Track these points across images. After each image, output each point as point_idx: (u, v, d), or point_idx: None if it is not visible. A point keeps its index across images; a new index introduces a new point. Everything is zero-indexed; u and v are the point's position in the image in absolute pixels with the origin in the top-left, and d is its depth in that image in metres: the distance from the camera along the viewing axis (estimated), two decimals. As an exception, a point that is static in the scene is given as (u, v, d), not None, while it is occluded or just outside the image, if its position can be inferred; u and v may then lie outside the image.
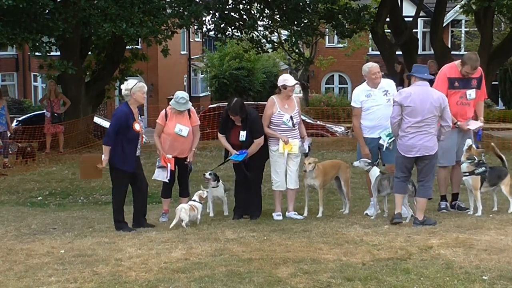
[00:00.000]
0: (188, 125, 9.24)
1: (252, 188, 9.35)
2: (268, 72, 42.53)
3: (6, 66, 37.57)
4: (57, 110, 18.32)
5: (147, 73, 31.91)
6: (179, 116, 9.22)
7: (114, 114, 9.00)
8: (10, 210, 11.56)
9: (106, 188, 13.85)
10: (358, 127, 9.09)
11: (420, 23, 35.96)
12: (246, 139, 9.13)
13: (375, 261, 6.43)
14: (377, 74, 8.96)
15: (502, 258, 6.33)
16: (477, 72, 8.94)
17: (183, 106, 9.16)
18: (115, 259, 6.84)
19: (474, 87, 8.90)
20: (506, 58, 23.80)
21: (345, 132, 22.05)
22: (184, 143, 9.26)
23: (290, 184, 9.29)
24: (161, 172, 9.24)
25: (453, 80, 8.86)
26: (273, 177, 9.32)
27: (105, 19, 16.64)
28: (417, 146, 8.09)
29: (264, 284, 5.86)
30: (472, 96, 8.90)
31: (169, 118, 9.26)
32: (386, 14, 21.24)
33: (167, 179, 9.25)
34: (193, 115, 9.35)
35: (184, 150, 9.30)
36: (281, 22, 20.59)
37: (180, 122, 9.20)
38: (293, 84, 9.19)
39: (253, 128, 9.16)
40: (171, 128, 9.19)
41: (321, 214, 9.17)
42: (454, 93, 8.83)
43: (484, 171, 8.59)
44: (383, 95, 8.96)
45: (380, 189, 8.85)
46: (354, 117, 9.15)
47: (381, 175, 8.83)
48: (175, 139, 9.22)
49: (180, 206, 8.75)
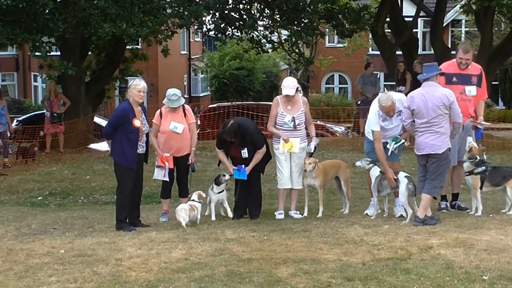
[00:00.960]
0: (183, 123, 9.27)
1: (252, 188, 9.35)
2: (268, 72, 42.50)
3: (6, 66, 37.56)
4: (57, 110, 18.33)
5: (147, 73, 31.88)
6: (174, 114, 9.26)
7: (114, 110, 9.27)
8: (10, 210, 11.56)
9: (106, 188, 13.87)
10: (381, 150, 8.76)
11: (420, 23, 35.93)
12: (248, 155, 9.18)
13: (375, 261, 6.43)
14: (390, 113, 8.73)
15: (502, 258, 6.33)
16: (476, 69, 8.91)
17: (175, 102, 9.18)
18: (115, 259, 6.85)
19: (474, 84, 8.85)
20: (506, 58, 23.77)
21: (345, 132, 22.05)
22: (180, 141, 9.27)
23: (294, 184, 9.31)
24: (160, 171, 9.26)
25: (451, 76, 8.83)
26: (278, 175, 9.38)
27: (105, 19, 16.63)
28: (423, 144, 8.15)
29: (264, 284, 5.86)
30: (472, 93, 8.84)
31: (164, 116, 9.31)
32: (386, 14, 21.23)
33: (166, 178, 9.26)
34: (188, 113, 9.38)
35: (181, 148, 9.31)
36: (281, 22, 20.58)
37: (174, 120, 9.23)
38: (284, 94, 9.11)
39: (254, 142, 9.18)
40: (166, 126, 9.23)
41: (321, 214, 9.18)
42: (453, 88, 8.78)
43: (484, 171, 8.55)
44: (396, 116, 8.82)
45: (380, 189, 8.85)
46: (376, 140, 8.80)
47: (381, 175, 8.82)
48: (170, 137, 9.24)
49: (179, 207, 8.75)
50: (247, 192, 9.34)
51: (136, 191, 9.06)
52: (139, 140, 8.82)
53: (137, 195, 9.10)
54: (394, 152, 8.89)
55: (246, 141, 9.13)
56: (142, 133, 8.86)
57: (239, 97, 36.96)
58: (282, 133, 9.16)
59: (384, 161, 8.76)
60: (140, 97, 8.85)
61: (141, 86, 8.83)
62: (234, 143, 9.17)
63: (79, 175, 15.33)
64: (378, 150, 8.75)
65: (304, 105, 9.33)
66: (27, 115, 25.14)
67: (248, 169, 9.12)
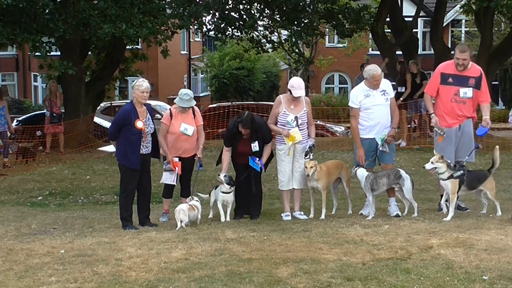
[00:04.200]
0: (193, 124, 9.30)
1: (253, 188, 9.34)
2: (268, 72, 42.49)
3: (6, 66, 37.57)
4: (57, 110, 18.34)
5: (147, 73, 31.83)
6: (184, 115, 9.27)
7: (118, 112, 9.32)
8: (10, 210, 11.57)
9: (106, 188, 13.88)
10: (355, 127, 9.10)
11: (420, 23, 35.92)
12: (259, 149, 9.21)
13: (375, 261, 6.43)
14: (379, 81, 8.98)
15: (502, 258, 6.32)
16: (475, 71, 8.86)
17: (186, 102, 9.19)
18: (115, 259, 6.85)
19: (471, 86, 8.78)
20: (506, 58, 23.77)
21: (345, 132, 22.05)
22: (189, 143, 9.31)
23: (295, 184, 9.31)
24: (169, 175, 9.31)
25: (447, 76, 8.83)
26: (279, 176, 9.38)
27: (104, 20, 16.63)
28: None
29: (264, 284, 5.86)
30: (468, 95, 8.77)
31: (174, 117, 9.30)
32: (386, 14, 21.23)
33: (175, 183, 9.30)
34: (197, 115, 9.42)
35: (188, 149, 9.34)
36: (281, 22, 20.57)
37: (185, 121, 9.25)
38: (296, 96, 9.13)
39: (264, 135, 9.25)
40: (177, 128, 9.23)
41: (323, 216, 9.13)
42: (447, 89, 8.80)
43: (463, 174, 8.53)
44: (381, 95, 8.99)
45: (374, 188, 8.88)
46: (352, 117, 9.16)
47: (374, 174, 8.87)
48: (180, 139, 9.26)
49: (178, 207, 8.74)
50: (248, 192, 9.33)
51: (145, 190, 9.10)
52: (142, 141, 8.82)
53: (146, 194, 9.13)
54: (385, 151, 8.94)
55: (257, 134, 9.17)
56: (145, 134, 8.86)
57: (239, 97, 36.96)
58: (281, 129, 9.16)
59: (357, 139, 9.07)
60: (143, 98, 8.85)
61: (144, 87, 8.82)
62: (242, 139, 9.17)
63: (79, 175, 15.33)
64: (353, 127, 9.17)
65: (307, 105, 9.32)
66: (27, 115, 25.15)
67: (263, 161, 9.21)
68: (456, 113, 8.81)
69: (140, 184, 8.97)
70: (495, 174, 13.58)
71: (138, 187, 8.99)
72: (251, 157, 9.19)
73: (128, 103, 9.08)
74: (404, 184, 8.80)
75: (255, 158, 9.20)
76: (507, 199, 10.35)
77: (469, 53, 8.80)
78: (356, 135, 9.12)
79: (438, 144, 8.96)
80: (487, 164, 13.67)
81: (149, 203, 9.25)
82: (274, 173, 13.28)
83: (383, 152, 9.02)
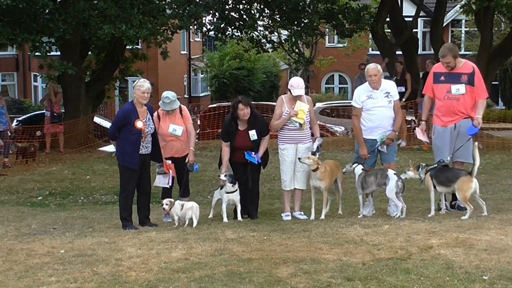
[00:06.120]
0: (182, 124, 9.29)
1: (252, 188, 9.33)
2: (268, 72, 42.53)
3: (6, 66, 37.55)
4: (57, 110, 18.35)
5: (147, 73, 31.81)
6: (171, 116, 9.27)
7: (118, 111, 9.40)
8: (10, 210, 11.57)
9: (106, 188, 13.88)
10: (358, 127, 9.12)
11: (420, 23, 35.94)
12: (257, 137, 9.20)
13: (375, 261, 6.43)
14: (372, 77, 8.94)
15: (502, 258, 6.32)
16: (468, 67, 8.82)
17: (168, 105, 9.19)
18: (115, 259, 6.84)
19: (463, 82, 8.72)
20: (506, 58, 23.78)
21: (345, 132, 22.06)
22: (179, 142, 9.30)
23: (297, 184, 9.31)
24: (162, 178, 9.28)
25: (439, 75, 8.86)
26: (282, 177, 9.39)
27: (104, 20, 16.63)
28: None
29: (264, 284, 5.86)
30: (460, 91, 8.72)
31: (162, 119, 9.30)
32: (386, 14, 21.24)
33: (168, 185, 9.29)
34: (185, 114, 9.40)
35: (180, 149, 9.33)
36: (281, 22, 20.59)
37: (173, 122, 9.25)
38: (296, 95, 9.13)
39: (261, 126, 9.28)
40: (165, 129, 9.23)
41: (323, 217, 9.13)
42: (440, 87, 8.81)
43: (433, 169, 8.68)
44: (384, 97, 8.97)
45: (364, 186, 8.91)
46: (354, 117, 9.18)
47: (364, 172, 8.89)
48: (170, 140, 9.26)
49: (189, 204, 8.80)
50: (246, 192, 9.32)
51: (145, 190, 9.10)
52: (142, 141, 8.82)
53: (146, 194, 9.13)
54: (383, 152, 8.95)
55: (254, 122, 9.19)
56: (144, 134, 8.86)
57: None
58: (286, 115, 9.11)
59: (360, 138, 9.09)
60: (144, 98, 8.83)
61: (145, 88, 8.80)
62: (240, 131, 9.17)
63: (79, 175, 15.34)
64: (355, 127, 9.20)
65: (310, 104, 9.31)
66: (27, 115, 25.15)
67: (259, 154, 9.20)
68: (450, 111, 8.78)
69: (140, 184, 8.98)
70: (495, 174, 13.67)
71: (138, 187, 8.99)
72: (247, 152, 9.15)
73: (128, 103, 9.08)
74: (387, 184, 8.76)
75: (251, 152, 9.17)
76: (507, 199, 10.35)
77: (453, 54, 8.71)
78: (358, 134, 9.15)
79: (435, 145, 9.00)
80: (487, 164, 13.76)
81: (149, 203, 9.25)
82: (274, 173, 13.30)
83: (382, 152, 9.04)
